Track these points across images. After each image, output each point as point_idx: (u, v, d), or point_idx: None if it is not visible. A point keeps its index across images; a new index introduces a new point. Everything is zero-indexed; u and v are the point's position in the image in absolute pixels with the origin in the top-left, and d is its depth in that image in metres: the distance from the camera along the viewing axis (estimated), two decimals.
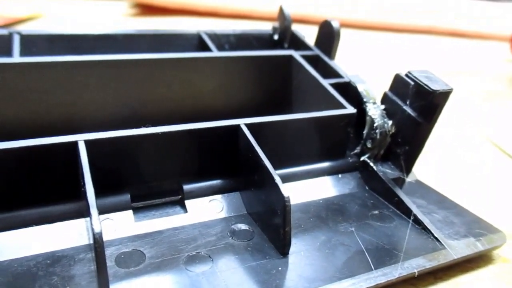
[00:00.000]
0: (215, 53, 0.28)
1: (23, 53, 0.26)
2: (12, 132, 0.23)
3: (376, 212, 0.22)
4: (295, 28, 0.33)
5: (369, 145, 0.24)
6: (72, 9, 0.71)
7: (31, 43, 0.28)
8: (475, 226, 0.21)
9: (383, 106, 0.25)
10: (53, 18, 0.63)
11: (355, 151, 0.25)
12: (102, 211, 0.18)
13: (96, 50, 0.29)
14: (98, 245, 0.15)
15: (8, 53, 0.26)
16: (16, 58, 0.25)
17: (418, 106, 0.23)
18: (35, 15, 0.61)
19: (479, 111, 0.42)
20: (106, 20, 0.66)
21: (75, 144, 0.18)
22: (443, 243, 0.20)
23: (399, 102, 0.24)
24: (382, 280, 0.18)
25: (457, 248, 0.20)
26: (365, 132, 0.24)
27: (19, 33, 0.27)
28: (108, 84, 0.24)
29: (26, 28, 0.52)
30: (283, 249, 0.18)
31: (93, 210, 0.15)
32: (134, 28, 0.32)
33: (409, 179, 0.25)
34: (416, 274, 0.18)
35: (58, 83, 0.23)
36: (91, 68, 0.24)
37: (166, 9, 0.71)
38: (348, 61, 0.38)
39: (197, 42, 0.32)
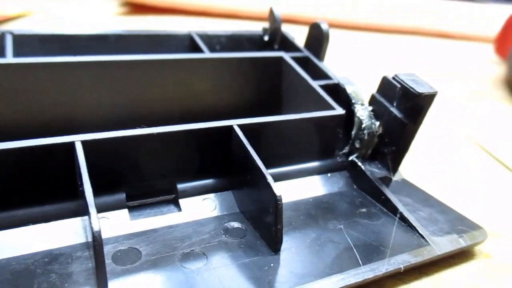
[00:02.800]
0: (207, 54, 0.29)
1: (15, 53, 0.26)
2: (6, 133, 0.23)
3: (364, 210, 0.23)
4: (286, 28, 0.33)
5: (357, 145, 0.25)
6: (61, 7, 0.70)
7: (24, 43, 0.28)
8: (458, 223, 0.22)
9: (370, 108, 0.25)
10: (43, 17, 0.63)
11: (344, 151, 0.26)
12: (98, 209, 0.18)
13: (88, 50, 0.29)
14: (97, 243, 0.15)
15: (1, 53, 0.26)
16: (10, 58, 0.25)
17: (404, 107, 0.24)
18: (24, 13, 0.61)
19: (463, 111, 0.43)
20: (96, 19, 0.65)
21: (72, 144, 0.18)
22: (427, 239, 0.21)
23: (386, 103, 0.25)
24: (370, 275, 0.18)
25: (441, 244, 0.21)
26: (353, 132, 0.25)
27: (11, 33, 0.28)
28: (101, 84, 0.25)
29: (16, 27, 0.52)
30: (274, 246, 0.19)
31: (92, 209, 0.16)
32: (124, 27, 0.32)
33: (395, 178, 0.26)
34: (402, 269, 0.19)
35: (51, 84, 0.24)
36: (85, 68, 0.24)
37: (156, 8, 0.71)
38: (336, 61, 0.39)
39: (189, 43, 0.32)
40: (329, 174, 0.25)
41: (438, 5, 0.88)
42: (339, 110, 0.25)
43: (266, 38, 0.34)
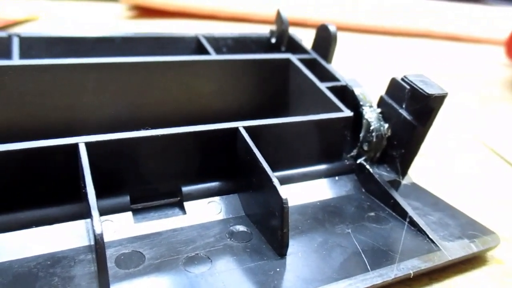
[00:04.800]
0: (213, 56, 0.29)
1: (22, 55, 0.26)
2: (11, 134, 0.23)
3: (372, 214, 0.22)
4: (293, 31, 0.33)
5: (365, 147, 0.25)
6: (69, 11, 0.71)
7: (30, 46, 0.28)
8: (469, 228, 0.22)
9: (379, 110, 0.25)
10: (50, 20, 0.63)
11: (352, 153, 0.25)
12: (102, 212, 0.19)
13: (94, 52, 0.29)
14: (99, 246, 0.15)
15: (8, 55, 0.26)
16: (16, 60, 0.25)
17: (414, 109, 0.23)
18: (32, 17, 0.61)
19: (474, 114, 0.43)
20: (103, 22, 0.66)
21: (75, 146, 0.18)
22: (438, 244, 0.20)
23: (395, 105, 0.24)
24: (378, 280, 0.18)
25: (452, 249, 0.20)
26: (361, 135, 0.25)
27: (18, 35, 0.28)
28: (107, 86, 0.25)
29: (24, 30, 0.52)
30: (281, 251, 0.19)
31: (94, 212, 0.15)
32: (131, 31, 0.32)
33: (404, 181, 0.25)
34: (412, 275, 0.19)
35: (57, 86, 0.24)
36: (90, 70, 0.24)
37: (163, 12, 0.71)
38: (343, 63, 0.38)
39: (195, 45, 0.32)
40: (336, 177, 0.25)
41: (447, 8, 0.88)
42: (347, 112, 0.24)
43: (273, 40, 0.34)
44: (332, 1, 0.80)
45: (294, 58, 0.29)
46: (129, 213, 0.20)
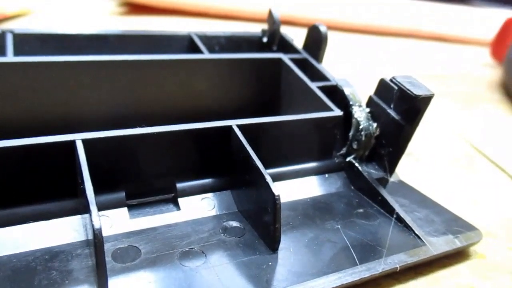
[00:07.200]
0: (206, 55, 0.29)
1: (16, 52, 0.26)
2: (7, 131, 0.23)
3: (361, 210, 0.23)
4: (285, 30, 0.34)
5: (354, 146, 0.25)
6: (61, 6, 0.70)
7: (24, 42, 0.28)
8: (454, 224, 0.23)
9: (368, 109, 0.26)
10: (41, 16, 0.63)
11: (341, 152, 0.26)
12: (98, 208, 0.19)
13: (87, 50, 0.30)
14: (97, 240, 0.15)
15: (1, 52, 0.26)
16: (10, 57, 0.25)
17: (401, 109, 0.24)
18: (23, 12, 0.61)
19: (459, 114, 0.44)
20: (95, 19, 0.66)
21: (72, 143, 0.18)
22: (423, 240, 0.21)
23: (384, 105, 0.25)
24: (366, 274, 0.19)
25: (437, 244, 0.21)
26: (351, 134, 0.25)
27: (12, 31, 0.28)
28: (101, 84, 0.25)
29: (16, 26, 0.52)
30: (273, 245, 0.19)
31: (93, 207, 0.16)
32: (123, 28, 0.32)
33: (392, 179, 0.26)
34: (398, 269, 0.19)
35: (52, 83, 0.24)
36: (85, 68, 0.24)
37: (155, 9, 0.71)
38: (334, 63, 0.39)
39: (188, 44, 0.32)
40: (326, 175, 0.25)
41: (435, 9, 0.89)
42: (337, 112, 0.25)
43: (265, 39, 0.34)
44: (322, 0, 0.81)
45: (285, 57, 0.29)
46: (125, 209, 0.20)
